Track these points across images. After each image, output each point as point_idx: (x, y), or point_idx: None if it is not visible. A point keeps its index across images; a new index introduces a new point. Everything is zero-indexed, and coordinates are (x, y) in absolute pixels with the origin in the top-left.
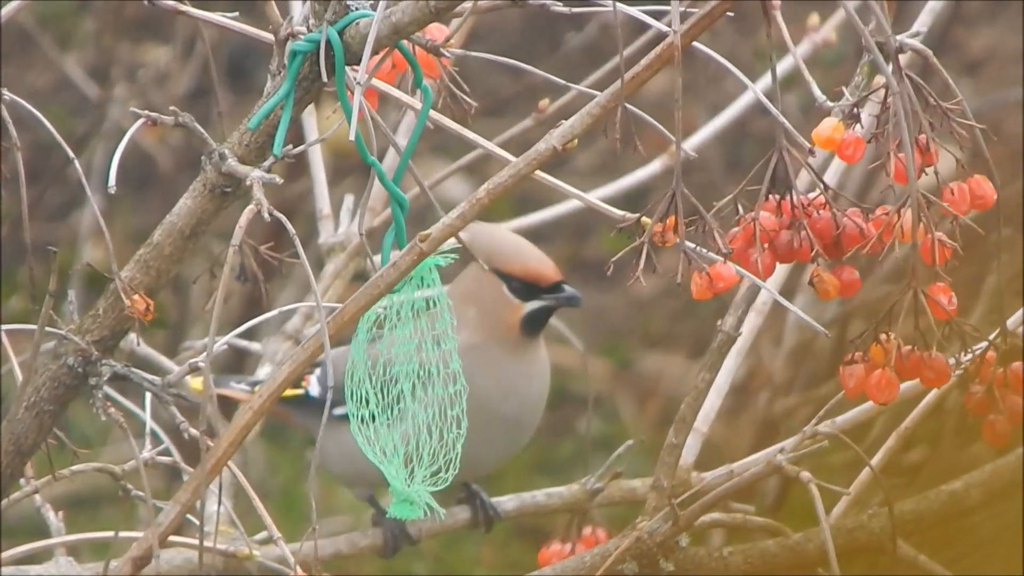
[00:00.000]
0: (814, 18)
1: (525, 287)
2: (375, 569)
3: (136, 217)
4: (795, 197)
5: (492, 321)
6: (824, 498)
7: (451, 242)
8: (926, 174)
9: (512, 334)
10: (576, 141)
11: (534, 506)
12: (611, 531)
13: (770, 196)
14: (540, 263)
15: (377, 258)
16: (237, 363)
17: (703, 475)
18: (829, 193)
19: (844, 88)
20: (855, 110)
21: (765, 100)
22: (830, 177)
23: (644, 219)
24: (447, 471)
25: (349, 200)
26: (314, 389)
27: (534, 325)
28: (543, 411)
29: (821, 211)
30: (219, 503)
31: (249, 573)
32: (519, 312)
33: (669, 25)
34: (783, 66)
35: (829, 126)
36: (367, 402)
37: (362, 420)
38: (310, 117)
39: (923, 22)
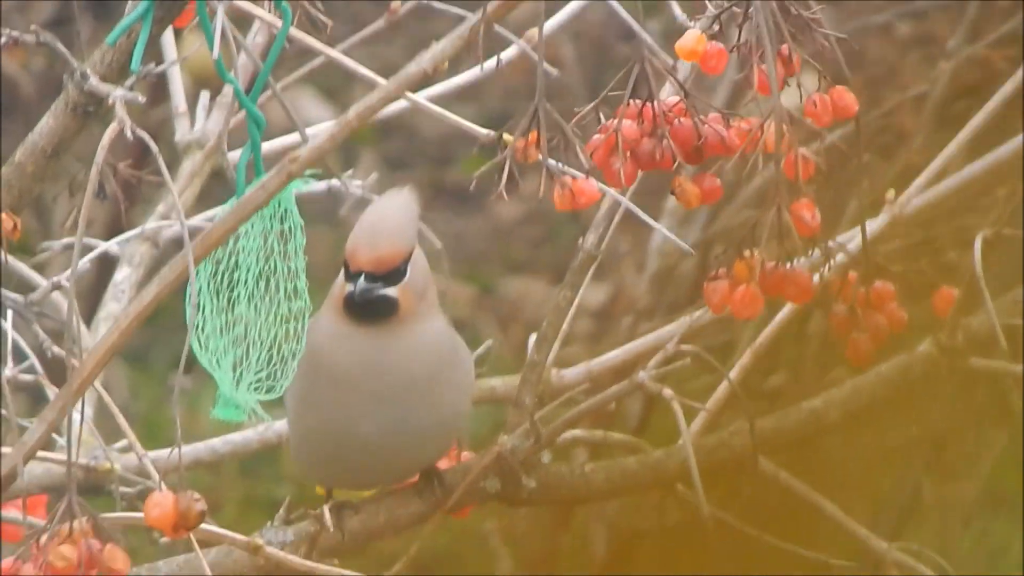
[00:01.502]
0: None
1: (347, 270)
2: (240, 487)
3: None
4: (656, 105)
5: (335, 298)
6: (686, 417)
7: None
8: (788, 85)
9: (341, 317)
10: (446, 64)
11: None
12: (461, 441)
13: (631, 103)
14: (355, 247)
15: (233, 155)
16: (98, 277)
17: (562, 373)
18: (690, 100)
19: (708, 1)
20: (718, 21)
21: (622, 10)
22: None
23: (506, 135)
24: (280, 380)
25: (205, 97)
26: None
27: (351, 311)
28: (450, 393)
29: (683, 119)
30: (81, 416)
31: (111, 485)
32: (339, 294)
33: None
34: None
35: (692, 38)
36: (202, 311)
37: (199, 327)
38: (170, 40)
39: None
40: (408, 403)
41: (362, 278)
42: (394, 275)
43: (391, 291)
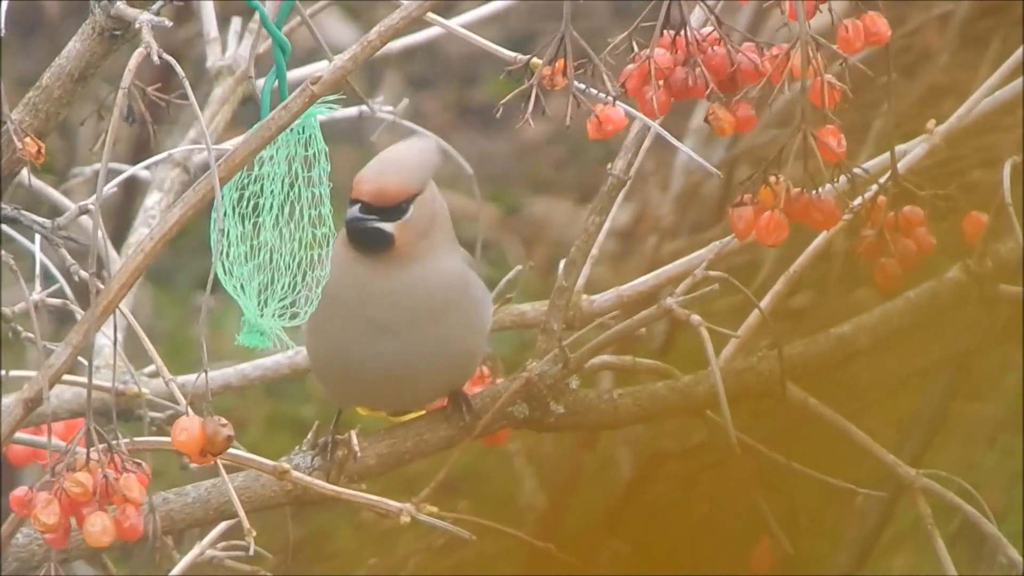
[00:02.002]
0: None
1: (366, 207)
2: (265, 406)
3: (23, 63)
4: (690, 33)
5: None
6: (714, 341)
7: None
8: (820, 12)
9: (349, 249)
10: None
11: None
12: (499, 363)
13: (664, 32)
14: (360, 177)
15: (260, 82)
16: (127, 201)
17: (592, 299)
18: (723, 29)
19: None
20: None
21: None
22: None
23: (534, 61)
24: (304, 306)
25: (236, 24)
26: None
27: (353, 240)
28: (461, 324)
29: (715, 47)
30: (114, 341)
31: (139, 410)
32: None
33: None
34: None
35: None
36: (226, 236)
37: (223, 253)
38: None
39: None
40: (408, 337)
41: (356, 207)
42: (393, 212)
43: (387, 226)
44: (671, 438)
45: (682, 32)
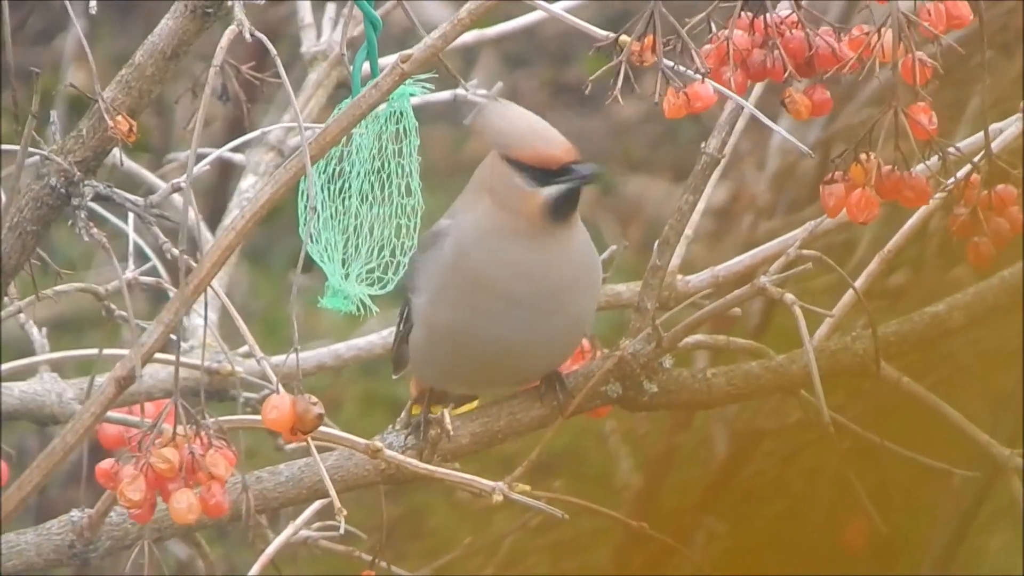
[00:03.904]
0: None
1: (538, 173)
2: (360, 386)
3: (119, 41)
4: (768, 16)
5: (510, 210)
6: (808, 320)
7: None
8: None
9: (535, 222)
10: None
11: None
12: (596, 340)
13: (743, 14)
14: (548, 146)
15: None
16: (221, 182)
17: (687, 279)
18: (803, 13)
19: None
20: None
21: None
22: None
23: (623, 38)
24: (392, 272)
25: (331, 9)
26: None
27: (559, 210)
28: (586, 298)
29: (794, 31)
30: (205, 321)
31: (232, 389)
32: (537, 199)
33: None
34: None
35: None
36: (315, 209)
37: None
38: None
39: None
40: (547, 307)
41: (576, 166)
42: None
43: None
44: (766, 418)
45: (761, 14)
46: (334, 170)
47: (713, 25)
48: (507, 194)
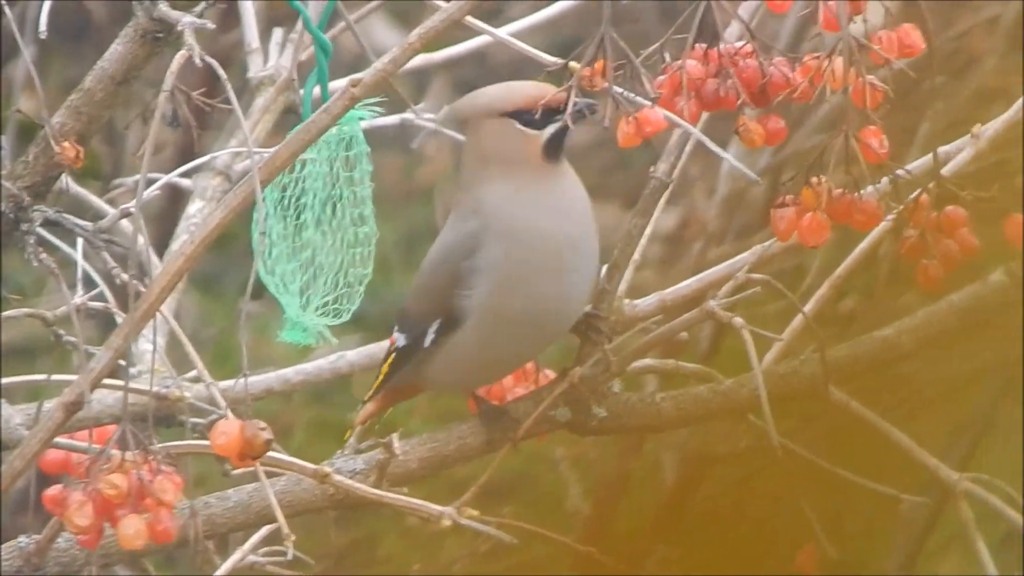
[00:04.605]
0: None
1: (539, 115)
2: (310, 411)
3: (71, 68)
4: (722, 46)
5: (518, 161)
6: (757, 345)
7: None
8: (855, 23)
9: (538, 164)
10: None
11: None
12: (539, 363)
13: (697, 45)
14: (541, 88)
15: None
16: (171, 207)
17: (636, 303)
18: (757, 42)
19: None
20: None
21: None
22: (759, 27)
23: (572, 64)
24: (347, 304)
25: (278, 34)
26: (400, 340)
27: (555, 148)
28: (596, 226)
29: (748, 60)
30: (154, 346)
31: (181, 415)
32: (539, 141)
33: None
34: None
35: None
36: (268, 238)
37: (268, 256)
38: None
39: None
40: (580, 239)
41: (574, 100)
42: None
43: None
44: (717, 443)
45: (715, 44)
46: (289, 201)
47: (667, 55)
48: (514, 147)
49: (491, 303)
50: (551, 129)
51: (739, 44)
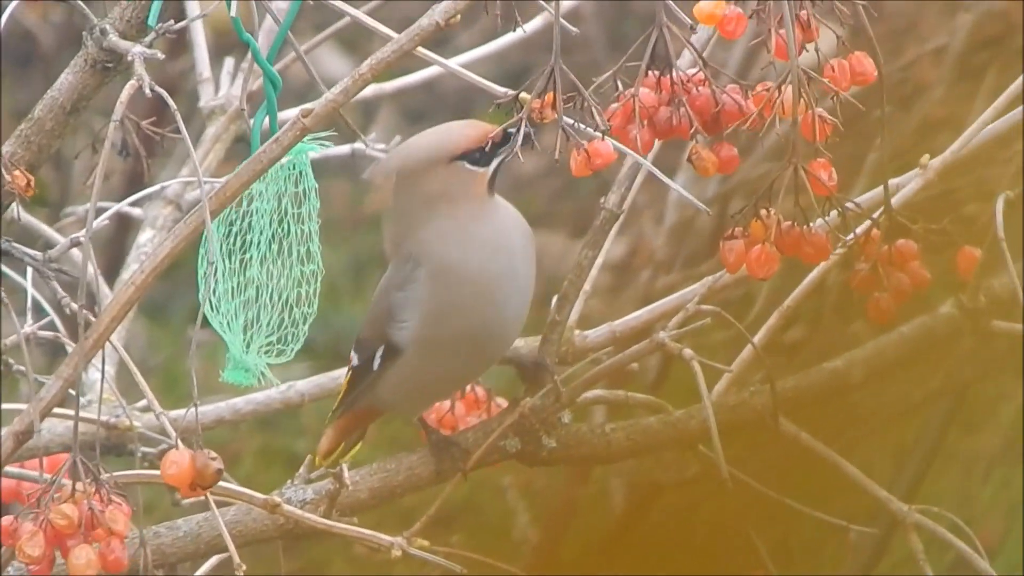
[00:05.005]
0: None
1: (484, 152)
2: (259, 440)
3: (18, 95)
4: (675, 74)
5: (465, 200)
6: (706, 375)
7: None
8: (807, 51)
9: (483, 199)
10: (459, 17)
11: None
12: (491, 392)
13: (650, 72)
14: (478, 127)
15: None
16: (120, 236)
17: (586, 334)
18: (709, 70)
19: None
20: None
21: None
22: (709, 54)
23: (522, 95)
24: (291, 343)
25: (229, 63)
26: (355, 361)
27: (495, 182)
28: (531, 248)
29: (700, 88)
30: (102, 375)
31: (130, 444)
32: (485, 177)
33: None
34: None
35: (711, 2)
36: (216, 269)
37: (213, 291)
38: None
39: None
40: (518, 270)
41: (509, 131)
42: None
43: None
44: (665, 471)
45: (667, 72)
46: (235, 237)
47: (620, 83)
48: (462, 187)
49: (422, 335)
50: (495, 163)
51: (691, 72)
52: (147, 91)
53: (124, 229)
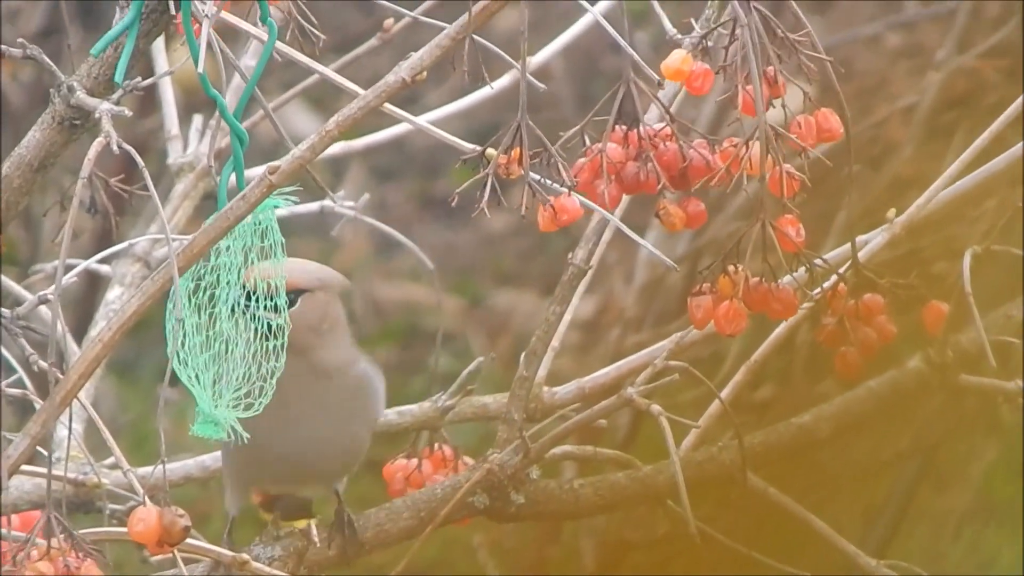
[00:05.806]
0: None
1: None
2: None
3: None
4: (642, 129)
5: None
6: (674, 431)
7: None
8: (774, 107)
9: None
10: (425, 74)
11: (385, 424)
12: (459, 450)
13: (617, 127)
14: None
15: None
16: (89, 293)
17: (554, 390)
18: (676, 125)
19: (694, 21)
20: (704, 42)
21: (609, 27)
22: (679, 110)
23: (489, 151)
24: (259, 398)
25: (198, 121)
26: None
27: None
28: (329, 411)
29: (668, 143)
30: (69, 431)
31: (99, 501)
32: None
33: None
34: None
35: (678, 58)
36: (183, 325)
37: (182, 344)
38: (161, 54)
39: None
40: (308, 420)
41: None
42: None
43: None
44: (635, 529)
45: (635, 127)
46: (203, 292)
47: (587, 138)
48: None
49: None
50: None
51: (659, 127)
52: (115, 148)
53: (93, 287)
